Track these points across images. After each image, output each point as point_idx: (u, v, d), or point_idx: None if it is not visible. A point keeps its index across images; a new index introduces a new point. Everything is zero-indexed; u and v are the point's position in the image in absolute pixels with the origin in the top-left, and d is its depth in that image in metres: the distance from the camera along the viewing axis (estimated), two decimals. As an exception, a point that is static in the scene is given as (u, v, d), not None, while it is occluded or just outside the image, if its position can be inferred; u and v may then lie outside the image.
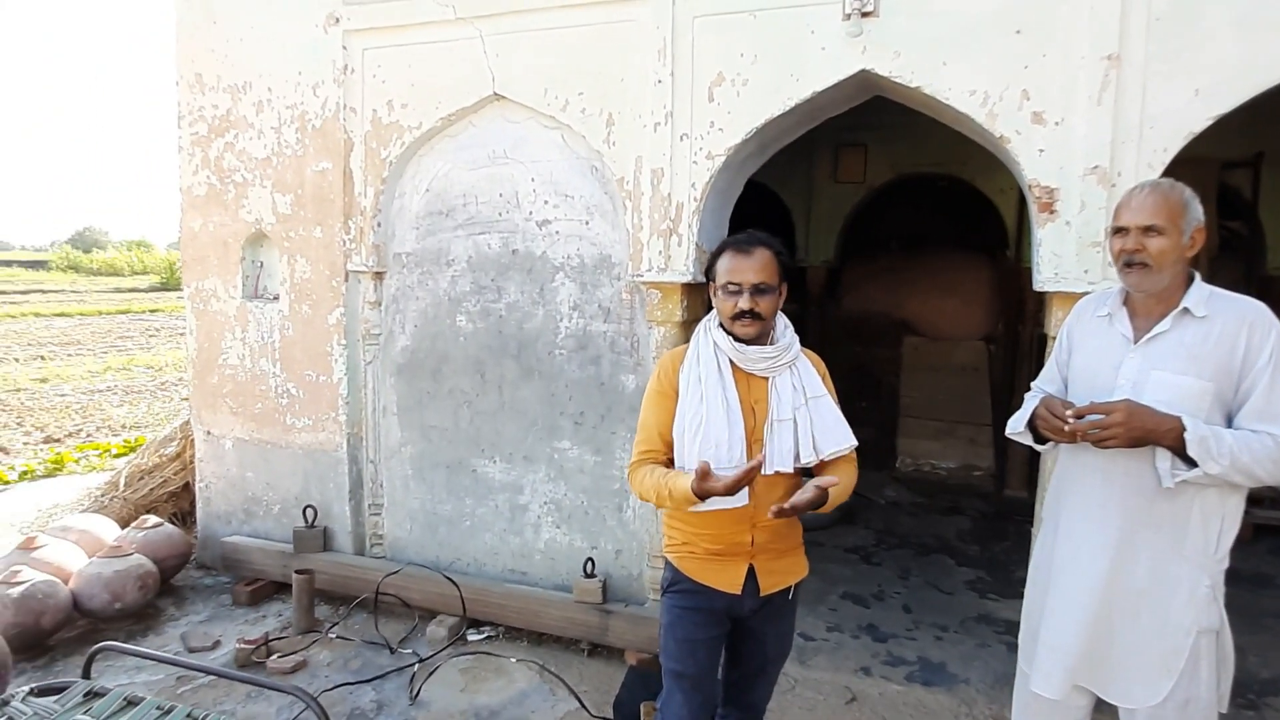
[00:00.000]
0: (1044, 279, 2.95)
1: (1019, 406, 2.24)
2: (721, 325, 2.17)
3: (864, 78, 3.19)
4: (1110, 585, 1.96)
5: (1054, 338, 2.94)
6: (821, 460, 2.16)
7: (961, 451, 6.62)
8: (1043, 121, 2.91)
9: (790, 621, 2.33)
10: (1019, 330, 6.34)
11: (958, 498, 6.14)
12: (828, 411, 2.15)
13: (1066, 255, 2.90)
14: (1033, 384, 2.31)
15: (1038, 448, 2.18)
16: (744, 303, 2.07)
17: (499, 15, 3.71)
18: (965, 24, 2.97)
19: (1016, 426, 2.16)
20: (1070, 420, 1.88)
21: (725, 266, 2.12)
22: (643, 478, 2.16)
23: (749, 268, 2.08)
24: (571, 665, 3.62)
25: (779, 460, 2.10)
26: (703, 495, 1.94)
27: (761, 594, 2.17)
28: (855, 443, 2.18)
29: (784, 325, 2.20)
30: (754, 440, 2.11)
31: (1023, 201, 6.14)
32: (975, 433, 6.62)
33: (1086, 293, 2.56)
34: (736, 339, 2.13)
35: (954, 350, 6.83)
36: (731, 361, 2.14)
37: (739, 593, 2.16)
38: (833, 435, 2.14)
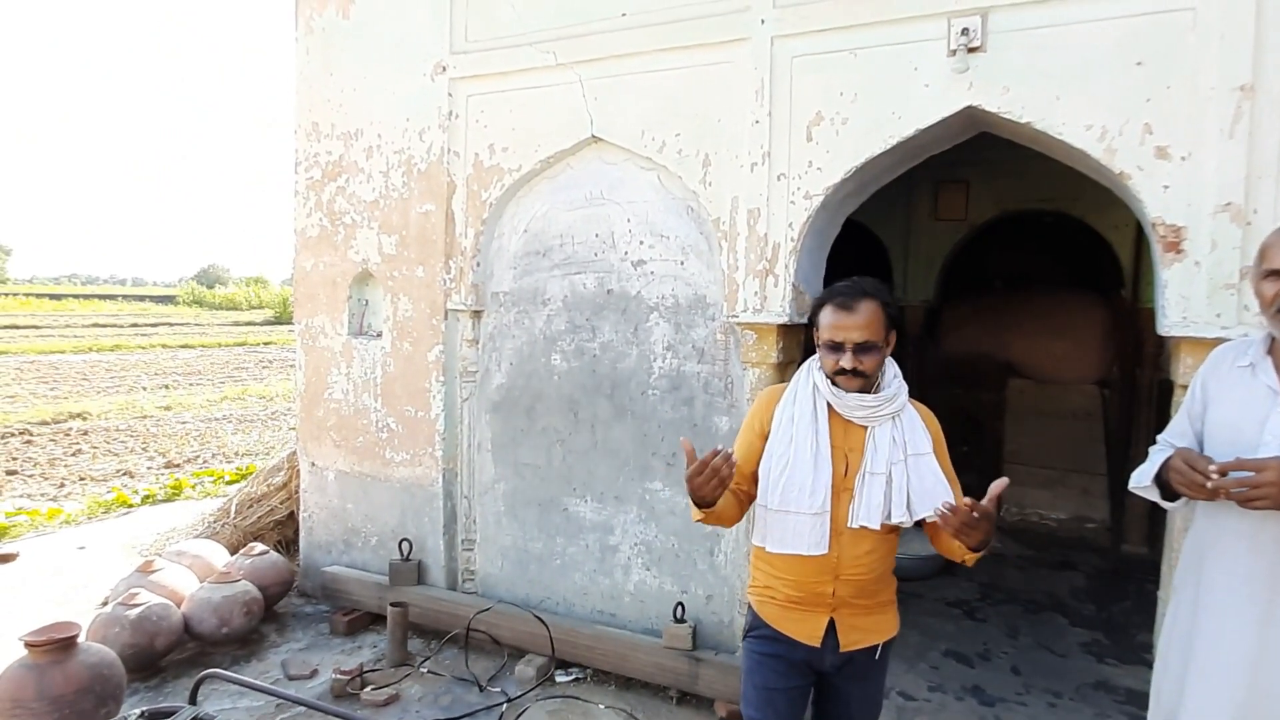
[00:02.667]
0: (1170, 323, 2.76)
1: (1138, 455, 2.07)
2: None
3: (970, 114, 3.09)
4: (1259, 668, 1.77)
5: (1181, 386, 2.75)
6: (922, 522, 2.06)
7: (1073, 502, 6.25)
8: (1167, 156, 2.74)
9: (878, 684, 2.22)
10: (1137, 375, 5.96)
11: (1069, 552, 5.78)
12: (928, 472, 2.04)
13: (1196, 298, 2.70)
14: (1159, 437, 2.13)
15: (1165, 505, 2.01)
16: (845, 362, 2.00)
17: (598, 60, 3.78)
18: (1081, 57, 2.85)
19: (1142, 480, 1.99)
20: (1214, 476, 1.72)
21: (827, 321, 2.05)
22: None
23: (852, 325, 2.00)
24: (660, 713, 3.54)
25: (865, 515, 2.02)
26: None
27: (842, 650, 2.09)
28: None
29: (892, 374, 2.11)
30: (842, 489, 2.04)
31: (1140, 238, 5.83)
32: (1088, 482, 6.24)
33: (1219, 339, 2.38)
34: (841, 385, 2.06)
35: (1064, 395, 6.48)
36: (829, 405, 2.08)
37: (818, 645, 2.08)
38: (931, 497, 2.01)
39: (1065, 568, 5.44)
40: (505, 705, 3.57)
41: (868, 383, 2.05)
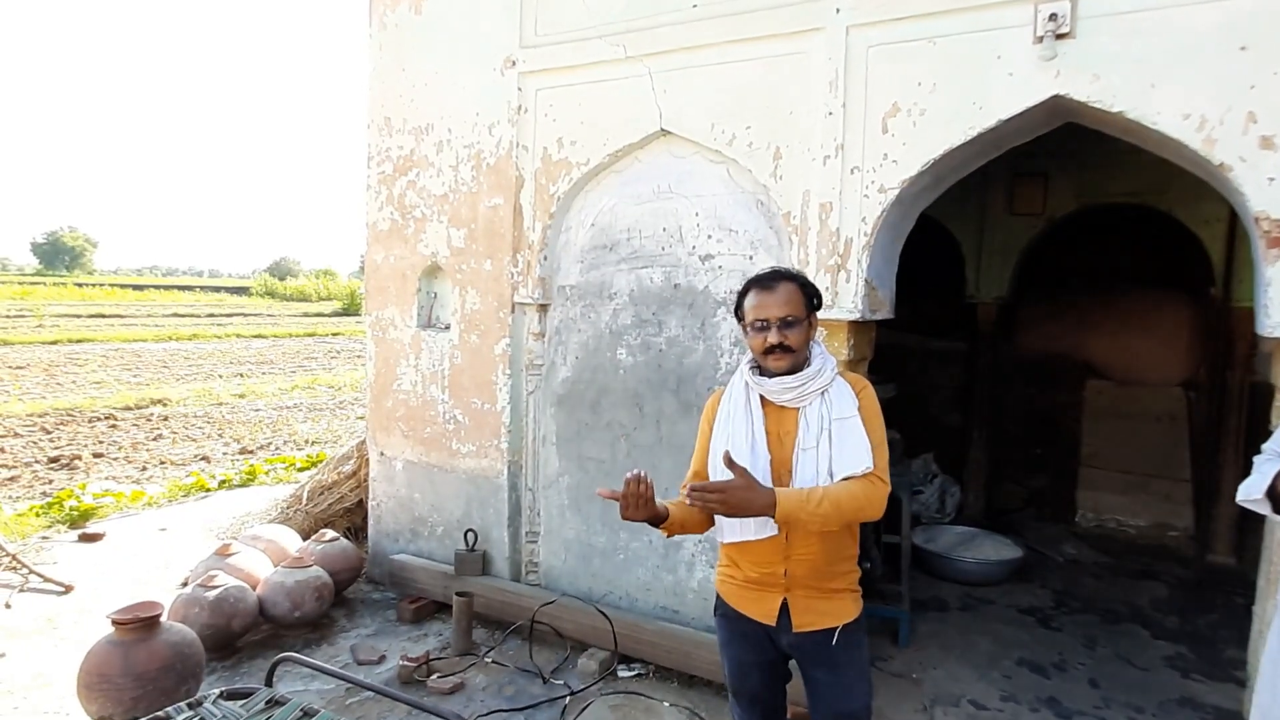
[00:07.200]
0: (1273, 324, 2.60)
1: (1225, 461, 1.98)
2: (754, 361, 2.21)
3: (1056, 103, 2.97)
4: None
5: (1285, 391, 2.60)
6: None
7: (1155, 509, 5.99)
8: (1273, 147, 2.58)
9: (850, 674, 2.19)
10: (1227, 377, 5.68)
11: (1150, 560, 5.55)
12: (849, 433, 2.09)
13: (1302, 297, 2.55)
14: (1264, 447, 2.01)
15: (1277, 519, 1.90)
16: (772, 337, 2.10)
17: (668, 53, 3.74)
18: (1178, 42, 2.70)
19: (1252, 493, 1.88)
20: None
21: (751, 304, 2.16)
22: None
23: (774, 303, 2.11)
24: (722, 712, 3.50)
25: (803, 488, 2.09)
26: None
27: (795, 630, 2.16)
28: (869, 465, 2.06)
29: (818, 354, 2.18)
30: (783, 470, 2.12)
31: (1233, 234, 5.54)
32: (1171, 488, 5.97)
33: (1331, 341, 2.24)
34: (768, 373, 2.15)
35: (1147, 396, 6.21)
36: (761, 396, 2.18)
37: (774, 624, 2.18)
38: (851, 458, 2.07)
39: (1145, 577, 5.23)
40: (568, 698, 3.59)
41: (797, 361, 2.12)
